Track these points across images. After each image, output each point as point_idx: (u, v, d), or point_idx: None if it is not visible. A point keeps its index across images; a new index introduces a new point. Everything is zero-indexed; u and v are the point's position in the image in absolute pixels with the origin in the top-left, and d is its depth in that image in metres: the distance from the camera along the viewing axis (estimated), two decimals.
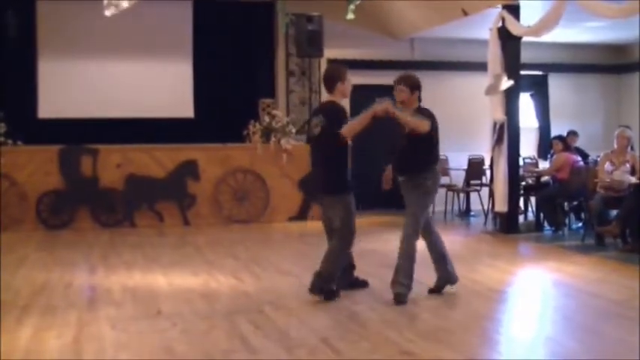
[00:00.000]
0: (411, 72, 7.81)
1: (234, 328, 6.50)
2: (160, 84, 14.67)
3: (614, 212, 10.90)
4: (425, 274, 8.96)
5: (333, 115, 7.45)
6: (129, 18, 13.23)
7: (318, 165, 7.69)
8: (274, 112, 14.30)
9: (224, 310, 7.20)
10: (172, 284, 8.46)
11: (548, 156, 14.41)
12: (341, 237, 7.48)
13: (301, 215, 14.05)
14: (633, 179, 10.78)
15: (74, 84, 14.29)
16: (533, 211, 13.59)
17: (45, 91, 14.26)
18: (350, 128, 7.33)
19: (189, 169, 13.76)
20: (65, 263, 9.84)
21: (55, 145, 13.30)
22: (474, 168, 14.71)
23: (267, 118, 14.19)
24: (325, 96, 8.08)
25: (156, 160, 13.68)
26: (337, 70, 7.79)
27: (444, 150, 15.66)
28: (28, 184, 13.11)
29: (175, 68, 14.87)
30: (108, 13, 11.45)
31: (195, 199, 13.82)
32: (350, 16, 11.60)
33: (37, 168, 13.19)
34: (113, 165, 13.50)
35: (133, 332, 6.43)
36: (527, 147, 15.63)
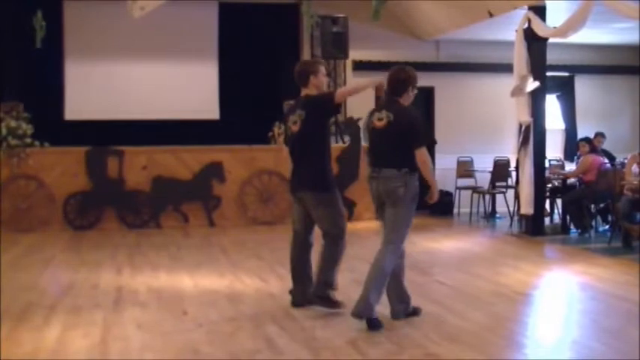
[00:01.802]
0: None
1: (260, 329, 6.51)
2: (185, 85, 14.73)
3: None
4: (449, 276, 8.95)
5: (313, 104, 7.11)
6: (155, 20, 13.31)
7: (302, 163, 7.19)
8: None
9: (249, 311, 7.22)
10: (198, 285, 8.49)
11: (575, 158, 14.33)
12: (332, 239, 7.13)
13: None
14: None
15: (100, 86, 14.38)
16: (559, 213, 13.52)
17: (72, 92, 14.37)
18: (344, 91, 7.30)
19: (215, 170, 13.79)
20: (91, 264, 9.90)
21: (81, 147, 13.39)
22: (500, 170, 14.63)
23: None
24: None
25: (181, 162, 13.73)
26: (309, 63, 7.65)
27: (470, 152, 15.83)
28: (55, 186, 13.20)
29: (201, 70, 14.92)
30: (136, 15, 11.51)
31: (221, 200, 13.86)
32: (374, 17, 11.57)
33: (64, 169, 13.28)
34: (139, 166, 13.57)
35: (158, 333, 6.46)
36: (554, 149, 15.55)
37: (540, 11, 11.98)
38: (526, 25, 12.03)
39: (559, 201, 13.53)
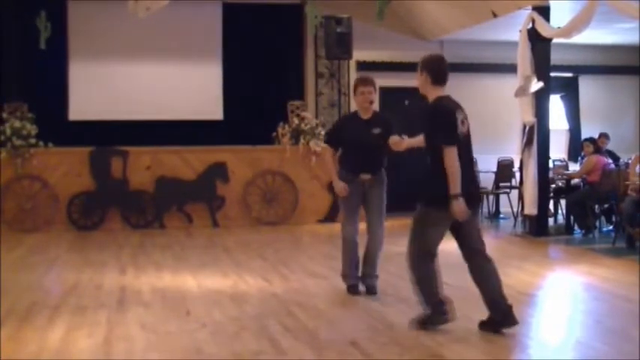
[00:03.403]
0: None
1: (263, 329, 6.51)
2: (189, 86, 14.73)
3: None
4: (452, 276, 8.94)
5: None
6: (159, 20, 13.32)
7: (470, 169, 6.67)
8: (303, 114, 14.34)
9: (253, 311, 7.22)
10: (201, 285, 8.50)
11: (579, 158, 14.31)
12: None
13: (330, 217, 14.04)
14: None
15: (105, 86, 14.39)
16: (563, 213, 13.50)
17: (76, 93, 14.37)
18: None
19: (219, 171, 13.80)
20: (95, 264, 9.91)
21: (85, 147, 13.41)
22: (504, 170, 14.64)
23: (296, 120, 14.22)
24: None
25: (185, 162, 13.75)
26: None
27: (474, 152, 15.71)
28: (59, 186, 13.23)
29: (205, 70, 14.92)
30: (141, 15, 11.52)
31: (225, 200, 13.87)
32: (381, 18, 11.58)
33: (68, 170, 13.32)
34: (143, 167, 13.59)
35: (162, 333, 6.46)
36: (558, 149, 15.53)
37: (544, 11, 11.97)
38: (530, 26, 12.02)
39: (563, 201, 13.51)
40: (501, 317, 6.38)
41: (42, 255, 10.77)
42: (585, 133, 15.02)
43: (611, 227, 12.79)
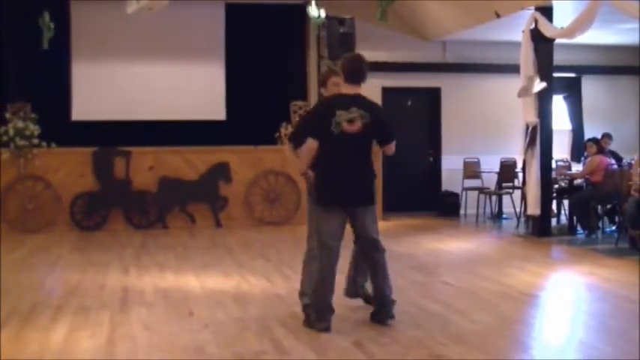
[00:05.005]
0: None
1: (266, 330, 6.51)
2: (192, 86, 14.73)
3: None
4: (455, 276, 8.95)
5: (380, 114, 6.60)
6: (162, 20, 13.34)
7: (361, 173, 6.57)
8: None
9: (255, 312, 7.22)
10: (204, 286, 8.50)
11: (582, 159, 14.29)
12: (380, 247, 6.65)
13: None
14: None
15: (108, 86, 14.39)
16: (565, 214, 13.50)
17: (79, 93, 14.37)
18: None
19: (221, 171, 13.81)
20: (98, 264, 9.92)
21: (88, 148, 13.42)
22: (507, 170, 14.63)
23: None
24: None
25: (188, 163, 13.76)
26: (365, 62, 6.64)
27: (477, 153, 15.82)
28: (62, 186, 13.24)
29: (207, 70, 14.91)
30: (148, 12, 11.51)
31: (227, 201, 13.87)
32: (380, 18, 11.58)
33: (71, 170, 13.33)
34: (146, 167, 13.60)
35: (164, 333, 6.46)
36: (560, 149, 15.51)
37: (547, 12, 11.97)
38: (533, 26, 12.03)
39: (566, 202, 13.51)
40: (379, 308, 6.63)
41: (44, 255, 10.78)
42: (588, 134, 15.01)
43: (613, 228, 12.76)
